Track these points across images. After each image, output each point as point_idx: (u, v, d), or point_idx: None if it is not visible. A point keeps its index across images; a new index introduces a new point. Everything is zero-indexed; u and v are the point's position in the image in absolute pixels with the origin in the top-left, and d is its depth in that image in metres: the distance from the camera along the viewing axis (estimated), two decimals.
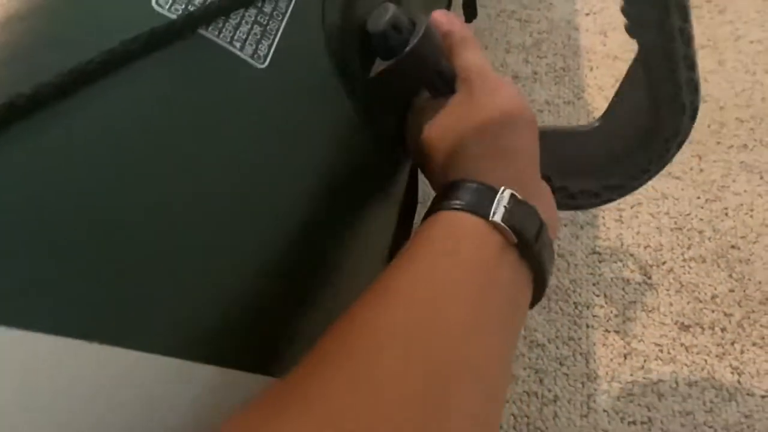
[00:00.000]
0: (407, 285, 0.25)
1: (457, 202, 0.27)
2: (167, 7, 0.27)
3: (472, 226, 0.27)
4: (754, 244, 0.65)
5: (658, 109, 0.38)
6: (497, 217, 0.27)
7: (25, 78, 0.24)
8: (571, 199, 0.42)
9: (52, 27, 0.27)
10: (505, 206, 0.27)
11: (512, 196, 0.27)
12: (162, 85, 0.25)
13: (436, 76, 0.33)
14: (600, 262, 0.64)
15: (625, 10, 0.35)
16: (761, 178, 0.69)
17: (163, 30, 0.26)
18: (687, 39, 0.35)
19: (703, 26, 0.82)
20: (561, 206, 0.39)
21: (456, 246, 0.26)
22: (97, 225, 0.22)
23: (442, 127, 0.32)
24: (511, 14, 0.87)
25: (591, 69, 0.79)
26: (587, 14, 0.84)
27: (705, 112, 0.74)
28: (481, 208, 0.27)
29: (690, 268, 0.64)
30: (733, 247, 0.65)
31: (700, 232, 0.66)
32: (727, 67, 0.78)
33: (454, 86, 0.33)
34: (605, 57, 0.80)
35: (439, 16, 0.34)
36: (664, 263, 0.64)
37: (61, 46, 0.26)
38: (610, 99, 0.40)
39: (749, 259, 0.64)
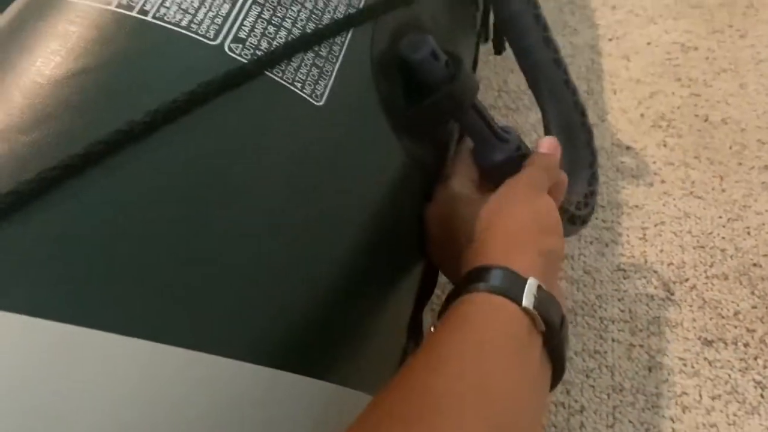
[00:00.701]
0: (455, 353, 0.27)
1: (489, 285, 0.29)
2: (238, 51, 0.31)
3: (504, 307, 0.28)
4: None
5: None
6: (527, 303, 0.28)
7: (116, 117, 0.27)
8: None
9: (136, 73, 0.30)
10: (534, 294, 0.29)
11: (539, 285, 0.29)
12: (236, 120, 0.29)
13: (476, 120, 0.37)
14: (624, 278, 0.67)
15: None
16: None
17: (236, 72, 0.30)
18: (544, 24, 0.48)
19: (725, 50, 0.84)
20: None
21: (493, 321, 0.28)
22: (190, 243, 0.25)
23: (474, 214, 0.34)
24: None
25: (614, 92, 0.82)
26: (610, 39, 0.87)
27: (726, 134, 0.76)
28: (511, 292, 0.29)
29: (713, 285, 0.66)
30: (755, 265, 0.67)
31: (723, 250, 0.68)
32: (749, 90, 0.80)
33: (508, 140, 0.38)
34: (628, 80, 0.82)
35: (548, 144, 0.40)
36: (687, 280, 0.66)
37: (147, 88, 0.29)
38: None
39: None
